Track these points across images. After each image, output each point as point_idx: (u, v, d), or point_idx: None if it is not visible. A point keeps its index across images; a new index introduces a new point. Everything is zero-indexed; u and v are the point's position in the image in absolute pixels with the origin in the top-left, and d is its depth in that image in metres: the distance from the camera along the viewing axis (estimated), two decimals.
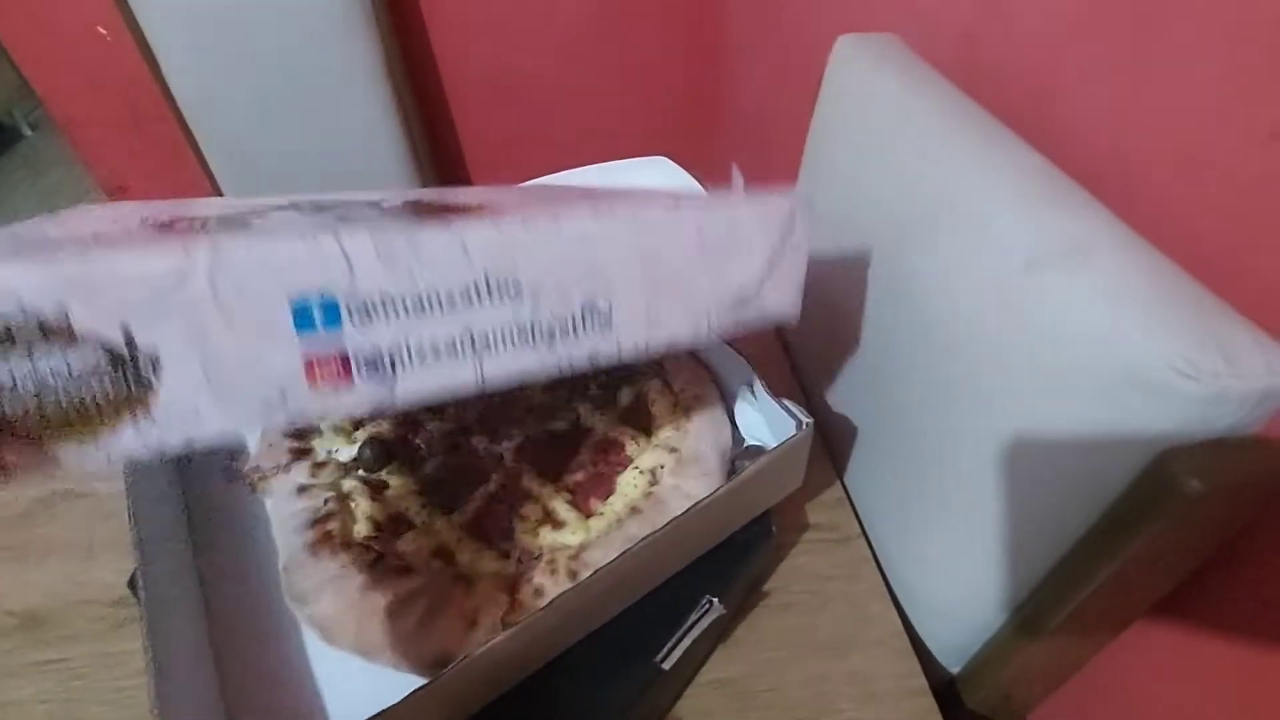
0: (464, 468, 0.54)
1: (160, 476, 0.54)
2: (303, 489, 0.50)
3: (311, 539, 0.47)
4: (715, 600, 0.46)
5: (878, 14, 0.82)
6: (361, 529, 0.48)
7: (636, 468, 0.51)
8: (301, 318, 0.27)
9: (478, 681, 0.40)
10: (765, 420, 0.53)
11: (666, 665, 0.43)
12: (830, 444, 0.63)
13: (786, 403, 0.49)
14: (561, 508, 0.49)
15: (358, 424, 0.58)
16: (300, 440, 0.55)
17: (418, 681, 0.41)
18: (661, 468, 0.51)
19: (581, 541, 0.47)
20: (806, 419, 0.47)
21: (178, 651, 0.42)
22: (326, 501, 0.50)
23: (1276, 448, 0.34)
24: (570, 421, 0.57)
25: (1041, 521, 0.44)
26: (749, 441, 0.55)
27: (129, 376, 0.25)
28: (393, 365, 0.29)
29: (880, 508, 0.58)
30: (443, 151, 1.58)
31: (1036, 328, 0.40)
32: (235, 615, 0.48)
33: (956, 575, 0.51)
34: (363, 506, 0.50)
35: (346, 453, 0.54)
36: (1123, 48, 0.48)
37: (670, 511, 0.47)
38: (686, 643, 0.44)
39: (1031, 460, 0.42)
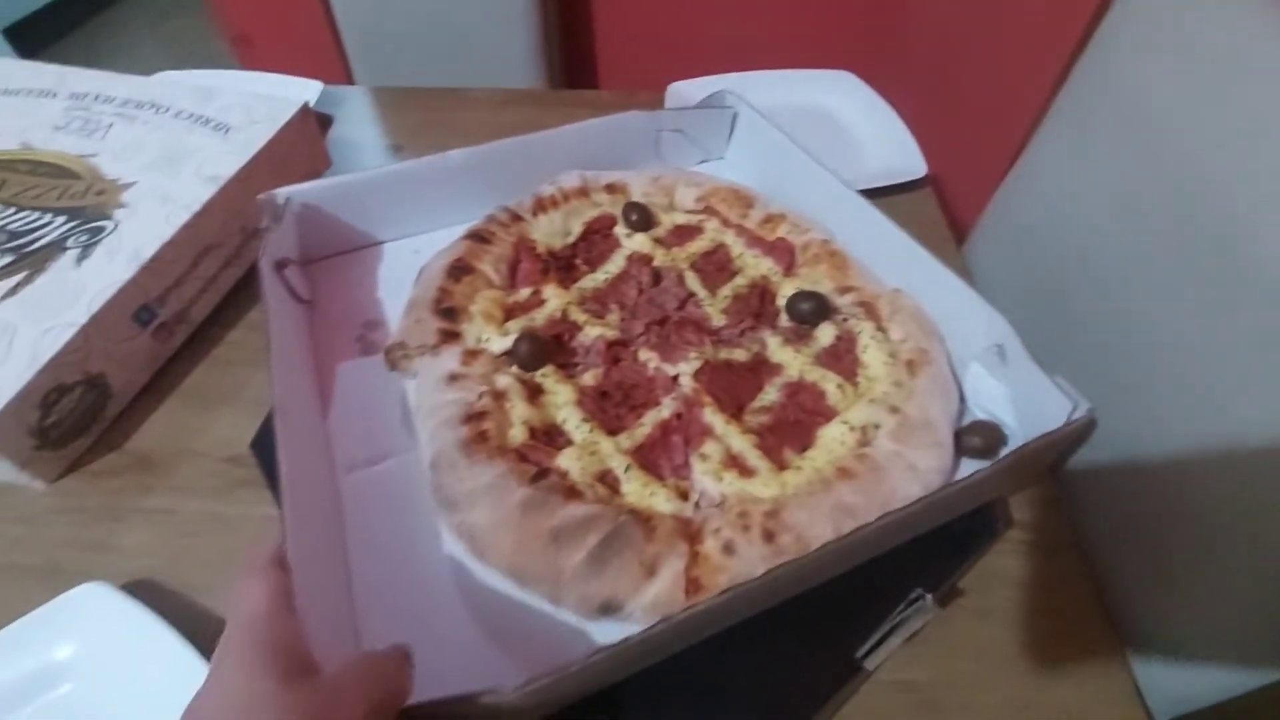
0: (628, 385, 0.47)
1: (294, 335, 0.48)
2: (454, 377, 0.44)
3: (465, 436, 0.40)
4: (929, 596, 0.38)
5: None
6: (517, 434, 0.42)
7: (845, 422, 0.42)
8: None
9: (652, 649, 0.33)
10: (1009, 394, 0.43)
11: (870, 665, 0.35)
12: None
13: (1060, 380, 0.39)
14: (750, 452, 0.41)
15: (509, 313, 0.50)
16: (450, 321, 0.48)
17: (570, 621, 0.36)
18: (877, 427, 0.42)
19: (775, 497, 0.39)
20: (1086, 404, 0.37)
21: (306, 529, 0.37)
22: (481, 396, 0.43)
23: None
24: (753, 353, 0.48)
25: None
26: (976, 414, 0.45)
27: None
28: None
29: (1109, 517, 0.48)
30: (574, 35, 1.44)
31: None
32: (367, 503, 0.42)
33: (1216, 623, 0.41)
34: (519, 409, 0.43)
35: (499, 344, 0.47)
36: None
37: (890, 481, 0.39)
38: (895, 641, 0.36)
39: None
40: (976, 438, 0.43)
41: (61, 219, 0.50)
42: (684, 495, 0.40)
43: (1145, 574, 0.45)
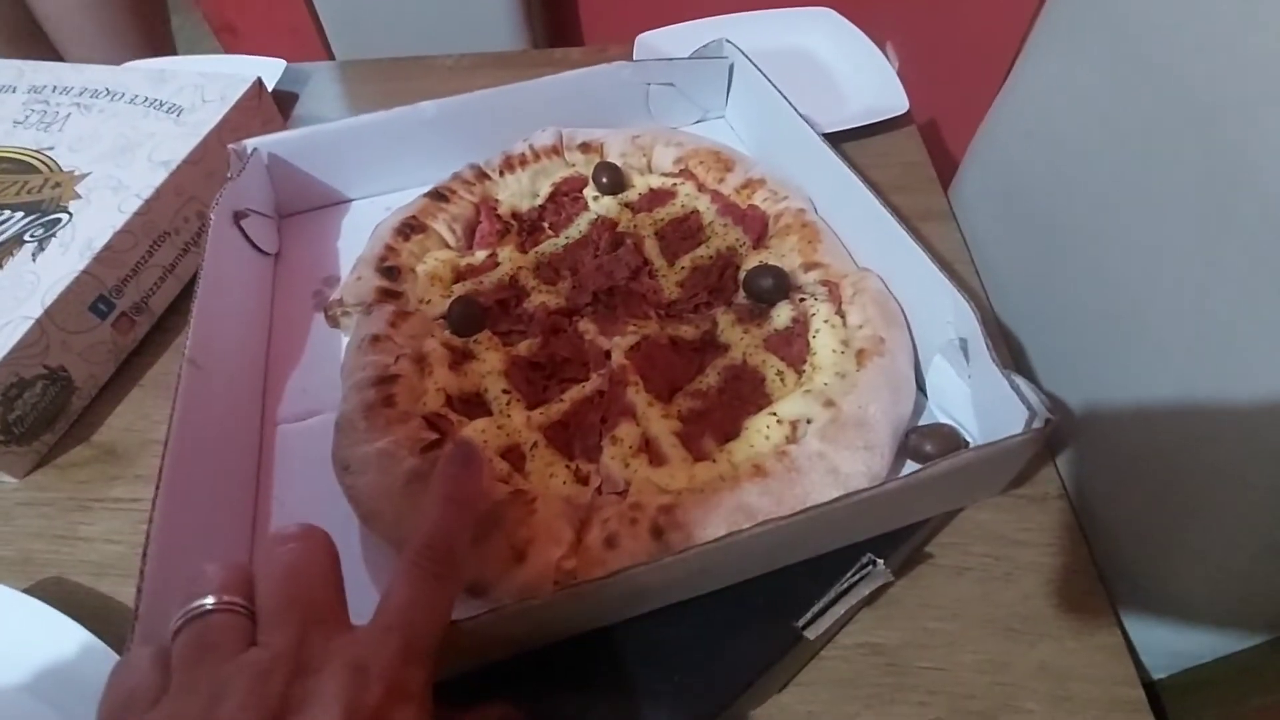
0: (562, 357, 0.44)
1: (256, 287, 0.49)
2: (377, 339, 0.43)
3: (371, 399, 0.39)
4: (879, 562, 0.34)
5: None
6: (430, 402, 0.40)
7: (774, 413, 0.38)
8: None
9: (520, 631, 0.31)
10: (971, 395, 0.37)
11: (810, 634, 0.32)
12: (1032, 378, 0.46)
13: (1020, 382, 0.33)
14: (666, 439, 0.38)
15: (460, 276, 0.49)
16: (390, 280, 0.47)
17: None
18: (808, 422, 0.37)
19: (680, 489, 0.36)
20: (1046, 414, 0.32)
21: (205, 476, 0.37)
22: (398, 359, 0.42)
23: None
24: (703, 331, 0.44)
25: None
26: (937, 415, 0.40)
27: None
28: None
29: (1102, 468, 0.41)
30: None
31: None
32: (291, 456, 0.43)
33: (1215, 577, 0.36)
34: (438, 376, 0.41)
35: (440, 306, 0.46)
36: None
37: (804, 485, 0.35)
38: (838, 610, 0.33)
39: None
40: (928, 443, 0.37)
41: (19, 215, 0.50)
42: (584, 479, 0.38)
43: (1140, 527, 0.39)
